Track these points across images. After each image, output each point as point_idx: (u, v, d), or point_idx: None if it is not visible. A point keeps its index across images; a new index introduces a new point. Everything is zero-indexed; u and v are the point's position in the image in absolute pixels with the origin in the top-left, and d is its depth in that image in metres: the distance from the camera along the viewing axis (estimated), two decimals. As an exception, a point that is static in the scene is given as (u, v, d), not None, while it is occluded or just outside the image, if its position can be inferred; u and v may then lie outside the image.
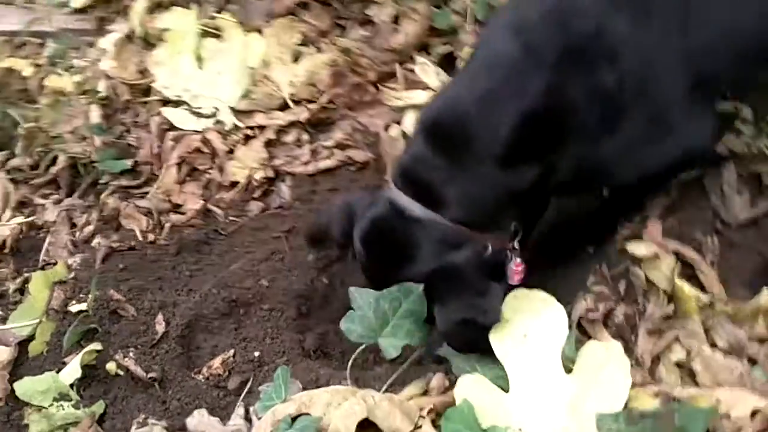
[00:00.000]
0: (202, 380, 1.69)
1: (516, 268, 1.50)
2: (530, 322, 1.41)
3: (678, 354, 1.46)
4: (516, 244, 1.50)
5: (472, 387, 1.34)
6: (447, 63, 2.18)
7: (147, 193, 2.14)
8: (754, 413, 1.24)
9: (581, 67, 1.36)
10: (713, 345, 1.46)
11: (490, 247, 1.45)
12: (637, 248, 1.56)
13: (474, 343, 1.43)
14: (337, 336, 1.87)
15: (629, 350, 1.46)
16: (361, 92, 2.18)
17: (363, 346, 1.48)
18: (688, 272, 1.57)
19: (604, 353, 1.36)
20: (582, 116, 1.38)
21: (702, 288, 1.53)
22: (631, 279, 1.59)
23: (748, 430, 1.21)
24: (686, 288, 1.51)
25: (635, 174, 1.54)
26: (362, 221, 1.51)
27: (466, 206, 1.42)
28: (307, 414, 1.31)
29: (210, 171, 2.17)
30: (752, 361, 1.42)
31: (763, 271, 1.61)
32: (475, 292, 1.43)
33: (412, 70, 2.20)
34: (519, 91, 1.37)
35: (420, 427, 1.31)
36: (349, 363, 1.50)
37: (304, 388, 1.48)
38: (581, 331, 1.51)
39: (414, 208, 1.43)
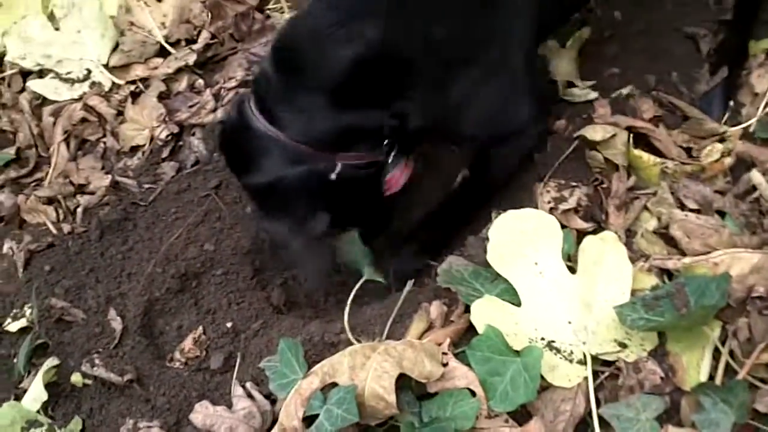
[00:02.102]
0: (180, 366, 1.58)
1: (392, 178, 1.53)
2: (525, 237, 1.39)
3: (652, 222, 1.49)
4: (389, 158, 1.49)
5: (486, 310, 1.31)
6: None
7: (42, 180, 1.93)
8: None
9: (415, 16, 1.36)
10: (681, 207, 1.51)
11: (339, 166, 1.42)
12: (593, 133, 1.55)
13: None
14: (296, 282, 1.81)
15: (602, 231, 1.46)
16: (247, 21, 2.04)
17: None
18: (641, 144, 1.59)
19: (601, 244, 1.36)
20: (420, 65, 1.39)
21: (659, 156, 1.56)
22: (587, 161, 1.60)
23: (760, 288, 1.25)
24: (645, 156, 1.54)
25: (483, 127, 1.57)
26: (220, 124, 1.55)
27: (299, 129, 1.39)
28: (334, 384, 1.25)
29: (103, 140, 1.98)
30: (720, 214, 1.48)
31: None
32: (300, 214, 1.44)
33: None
34: (352, 37, 1.33)
35: (446, 364, 1.28)
36: (346, 314, 1.44)
37: (305, 351, 1.42)
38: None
39: (259, 124, 1.41)
